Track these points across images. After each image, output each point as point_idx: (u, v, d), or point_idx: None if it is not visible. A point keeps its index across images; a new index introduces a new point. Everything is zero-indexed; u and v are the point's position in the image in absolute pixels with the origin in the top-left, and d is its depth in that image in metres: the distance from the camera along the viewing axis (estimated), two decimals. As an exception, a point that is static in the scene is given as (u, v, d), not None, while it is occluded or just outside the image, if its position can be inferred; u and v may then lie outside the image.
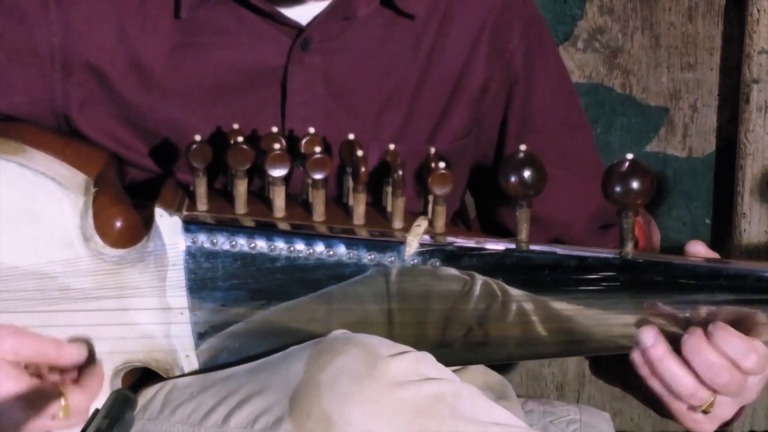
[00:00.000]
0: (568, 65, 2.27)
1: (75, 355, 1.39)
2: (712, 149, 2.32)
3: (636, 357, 1.39)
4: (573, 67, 2.27)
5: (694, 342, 1.35)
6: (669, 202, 2.34)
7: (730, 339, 1.35)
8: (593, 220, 1.67)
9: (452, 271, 1.41)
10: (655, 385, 1.39)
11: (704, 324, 1.37)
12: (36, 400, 1.33)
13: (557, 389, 2.45)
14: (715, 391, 1.37)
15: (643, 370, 1.39)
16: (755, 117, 2.17)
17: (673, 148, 2.32)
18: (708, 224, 2.36)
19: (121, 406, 1.24)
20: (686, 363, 1.36)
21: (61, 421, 1.35)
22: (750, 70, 2.16)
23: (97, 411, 1.22)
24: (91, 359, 1.42)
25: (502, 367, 2.41)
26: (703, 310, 1.39)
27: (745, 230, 2.22)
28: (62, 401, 1.34)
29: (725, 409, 1.41)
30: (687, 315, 1.39)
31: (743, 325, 1.38)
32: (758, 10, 2.12)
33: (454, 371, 1.56)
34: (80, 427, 1.31)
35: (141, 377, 1.52)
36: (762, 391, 1.44)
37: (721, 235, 2.33)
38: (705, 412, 1.40)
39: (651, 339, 1.37)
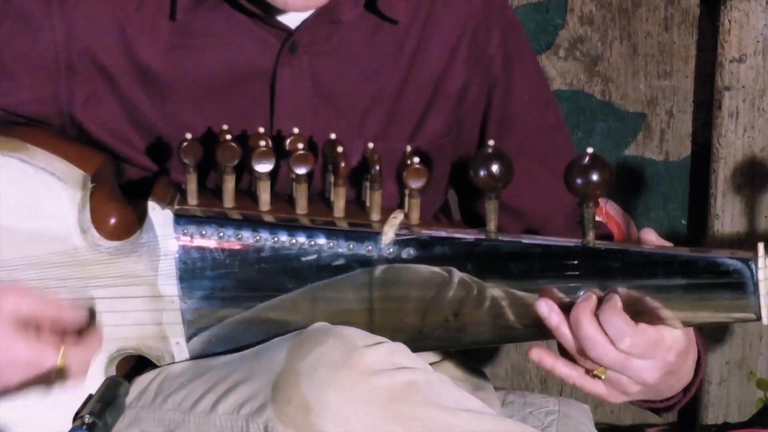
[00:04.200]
0: (550, 73, 2.30)
1: (75, 314, 1.44)
2: (688, 153, 2.33)
3: (534, 355, 1.46)
4: (555, 75, 2.29)
5: (576, 313, 1.42)
6: (647, 203, 2.35)
7: (611, 318, 1.40)
8: (572, 215, 1.70)
9: (431, 267, 1.46)
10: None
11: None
12: (35, 358, 1.39)
13: (541, 383, 2.46)
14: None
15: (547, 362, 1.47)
16: (727, 123, 2.19)
17: (651, 152, 2.33)
18: (684, 224, 2.36)
19: (113, 391, 1.30)
20: None
21: (58, 378, 1.40)
22: (722, 78, 2.18)
23: (90, 396, 1.28)
24: (91, 319, 1.46)
25: (487, 360, 2.45)
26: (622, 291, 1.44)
27: (718, 230, 2.23)
28: (59, 359, 1.39)
29: (626, 386, 1.46)
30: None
31: (646, 313, 1.44)
32: (729, 21, 2.14)
33: (434, 363, 1.62)
34: (80, 383, 1.38)
35: (135, 367, 1.58)
36: (710, 382, 1.49)
37: (697, 235, 2.34)
38: (597, 377, 1.46)
39: (545, 309, 1.43)
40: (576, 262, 1.44)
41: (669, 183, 2.35)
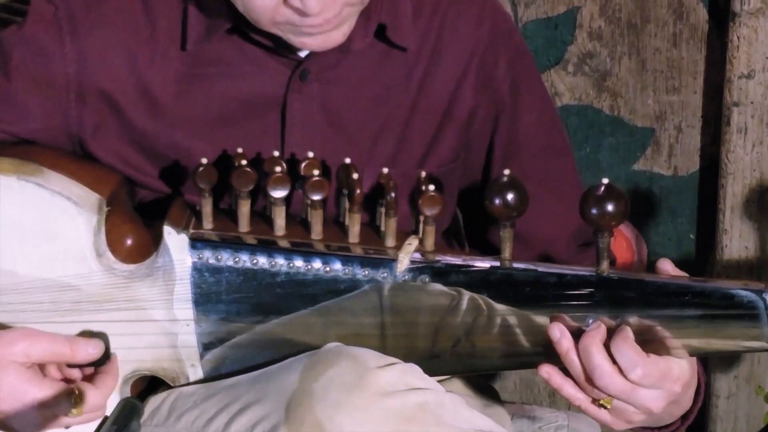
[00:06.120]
0: (559, 88, 2.30)
1: (90, 353, 1.44)
2: (696, 168, 2.33)
3: (543, 369, 1.46)
4: (564, 90, 2.30)
5: (585, 341, 1.42)
6: (655, 218, 2.36)
7: (623, 349, 1.41)
8: (574, 239, 1.72)
9: (441, 286, 1.48)
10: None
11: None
12: (49, 398, 1.39)
13: (549, 396, 2.47)
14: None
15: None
16: (735, 138, 2.19)
17: (659, 166, 2.34)
18: (692, 239, 2.37)
19: (128, 413, 1.30)
20: None
21: (75, 418, 1.41)
22: (731, 94, 2.18)
23: (106, 418, 1.29)
24: (105, 357, 1.47)
25: (496, 374, 2.46)
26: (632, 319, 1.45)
27: (726, 245, 2.24)
28: (74, 400, 1.40)
29: (630, 415, 1.47)
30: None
31: (654, 343, 1.45)
32: (738, 37, 2.14)
33: (444, 380, 1.63)
34: (94, 423, 1.38)
35: (149, 385, 1.59)
36: (693, 398, 1.50)
37: (705, 250, 2.35)
38: (603, 406, 1.46)
39: (558, 333, 1.44)
40: (590, 291, 1.45)
41: (677, 197, 2.36)
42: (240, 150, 1.54)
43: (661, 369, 1.43)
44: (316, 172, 1.49)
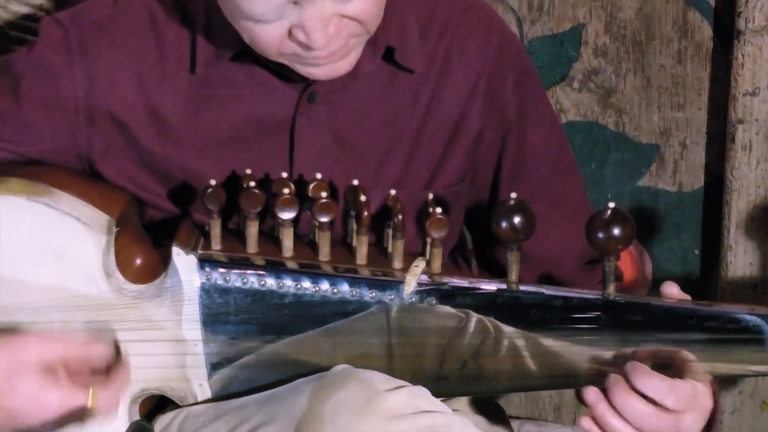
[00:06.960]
0: (564, 104, 2.31)
1: (100, 353, 1.44)
2: (701, 184, 2.33)
3: (585, 423, 1.44)
4: (569, 106, 2.30)
5: (619, 394, 1.41)
6: (660, 234, 2.36)
7: (648, 381, 1.41)
8: (582, 257, 1.72)
9: (448, 308, 1.48)
10: None
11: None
12: (65, 402, 1.40)
13: (554, 411, 2.47)
14: None
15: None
16: (740, 155, 2.20)
17: (664, 182, 2.34)
18: (697, 255, 2.37)
19: (139, 437, 1.32)
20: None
21: (89, 419, 1.41)
22: (735, 111, 2.18)
23: (116, 441, 1.30)
24: (117, 356, 1.47)
25: (501, 389, 2.46)
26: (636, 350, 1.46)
27: (731, 262, 2.24)
28: (89, 400, 1.40)
29: None
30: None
31: (673, 363, 1.45)
32: (743, 55, 2.15)
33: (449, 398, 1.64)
34: (108, 422, 1.40)
35: (157, 404, 1.60)
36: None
37: (710, 266, 2.35)
38: None
39: (594, 397, 1.43)
40: (597, 314, 1.46)
41: (682, 213, 2.36)
42: (248, 171, 1.55)
43: (690, 389, 1.43)
44: (324, 194, 1.50)
